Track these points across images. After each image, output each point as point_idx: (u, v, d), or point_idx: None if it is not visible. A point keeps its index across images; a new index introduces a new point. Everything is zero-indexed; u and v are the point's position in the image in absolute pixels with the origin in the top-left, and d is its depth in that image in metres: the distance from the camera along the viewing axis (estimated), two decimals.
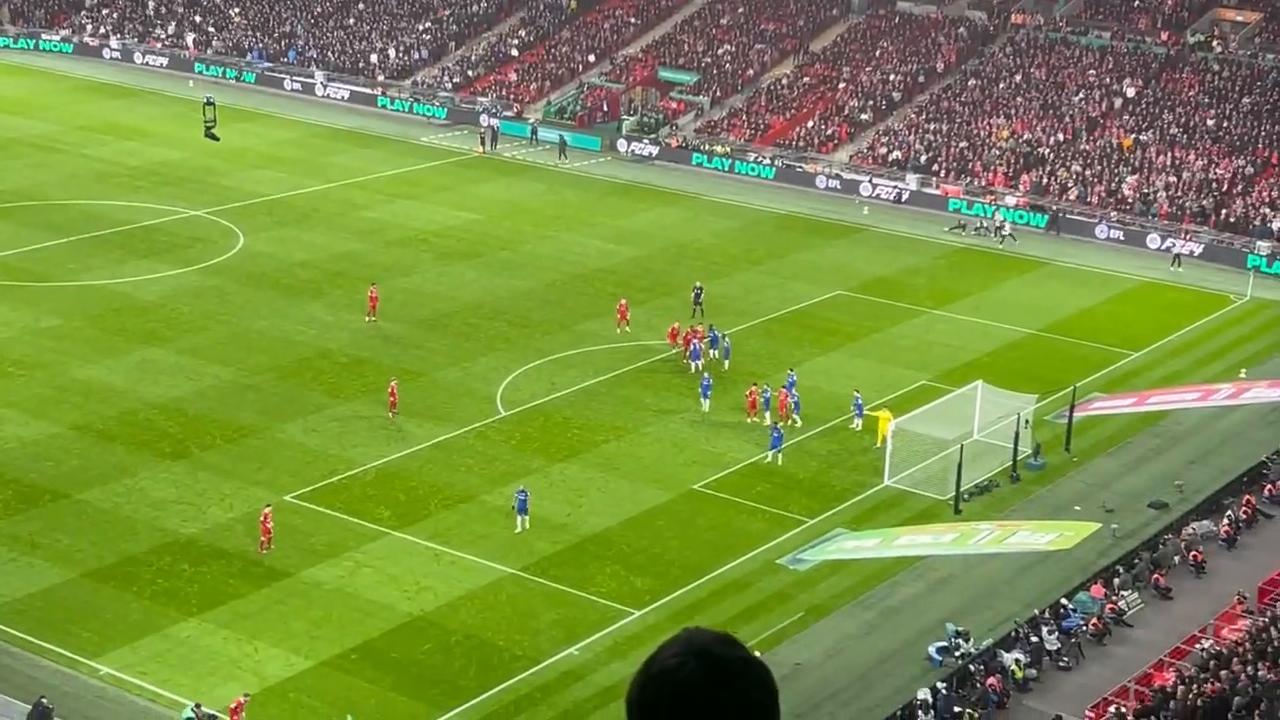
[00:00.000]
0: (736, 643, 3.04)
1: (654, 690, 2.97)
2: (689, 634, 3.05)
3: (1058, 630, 41.46)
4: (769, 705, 3.01)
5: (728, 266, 70.23)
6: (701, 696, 2.92)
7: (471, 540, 45.34)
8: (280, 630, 40.64)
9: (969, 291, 67.91)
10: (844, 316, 64.39)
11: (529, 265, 69.40)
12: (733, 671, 2.96)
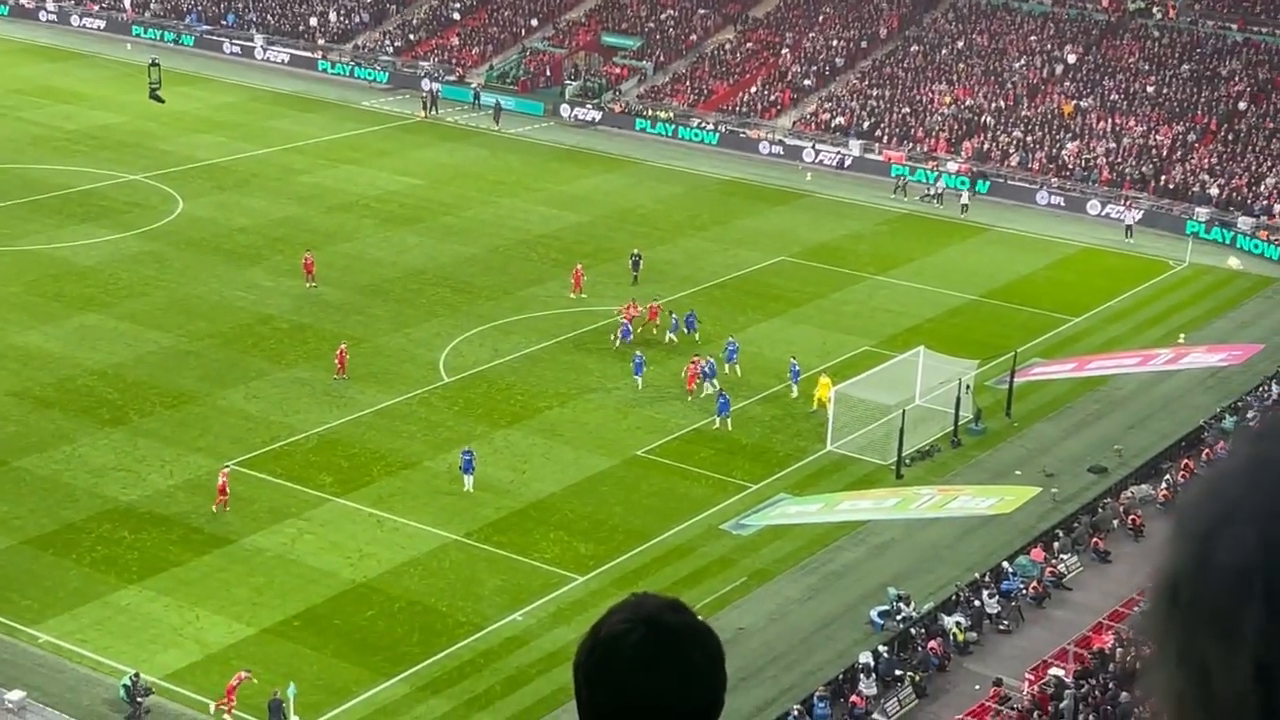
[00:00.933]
0: (685, 609, 3.03)
1: (601, 656, 2.95)
2: (637, 600, 3.03)
3: (998, 594, 41.81)
4: (716, 671, 3.00)
5: (671, 233, 70.20)
6: (649, 663, 2.91)
7: (415, 507, 45.24)
8: (222, 597, 40.46)
9: (911, 257, 68.16)
10: (787, 282, 64.50)
11: (471, 231, 69.13)
12: (680, 638, 2.95)
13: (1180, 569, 1.17)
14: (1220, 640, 1.14)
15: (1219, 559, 1.16)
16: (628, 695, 2.90)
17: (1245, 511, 1.17)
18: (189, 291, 60.41)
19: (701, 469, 48.23)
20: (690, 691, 2.94)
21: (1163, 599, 1.18)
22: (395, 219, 70.30)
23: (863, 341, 58.08)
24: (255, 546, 42.87)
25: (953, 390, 50.70)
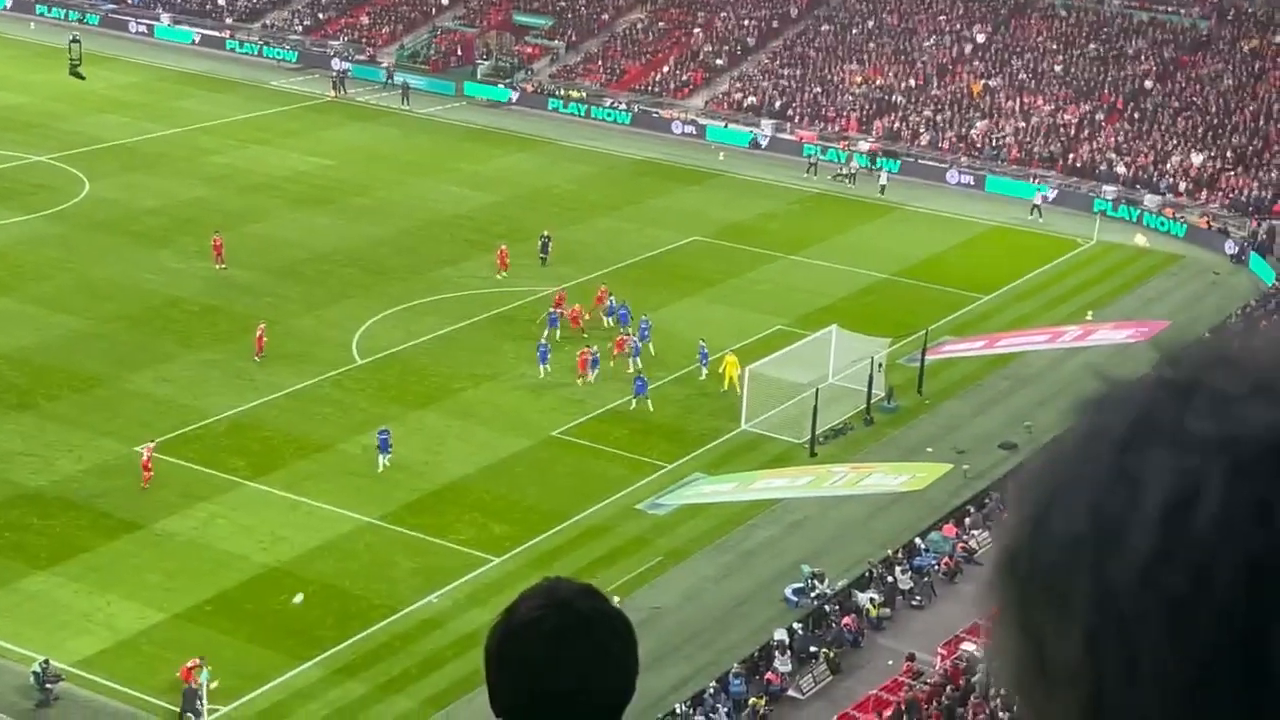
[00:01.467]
0: (598, 595, 3.03)
1: (515, 643, 2.95)
2: (550, 585, 3.03)
3: (911, 570, 42.19)
4: (628, 657, 3.01)
5: (585, 213, 70.11)
6: (560, 649, 2.91)
7: (328, 490, 44.96)
8: (133, 583, 40.05)
9: (823, 236, 68.48)
10: (701, 262, 64.62)
11: (383, 211, 68.71)
12: (592, 624, 2.95)
13: (1018, 539, 1.19)
14: (1053, 610, 1.15)
15: (1052, 529, 1.18)
16: (539, 681, 2.91)
17: (1078, 481, 1.19)
18: (96, 274, 59.63)
19: (616, 449, 48.27)
20: (602, 677, 2.95)
21: (1002, 569, 1.19)
22: (306, 200, 69.73)
23: (776, 320, 58.32)
24: (166, 531, 42.45)
25: (865, 368, 51.04)
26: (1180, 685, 1.10)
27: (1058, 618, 1.16)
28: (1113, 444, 1.19)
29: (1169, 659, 1.11)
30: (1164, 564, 1.13)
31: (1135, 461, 1.17)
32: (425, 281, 60.60)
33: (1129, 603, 1.13)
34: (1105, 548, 1.15)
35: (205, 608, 39.22)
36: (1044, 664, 1.16)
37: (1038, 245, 68.75)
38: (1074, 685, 1.14)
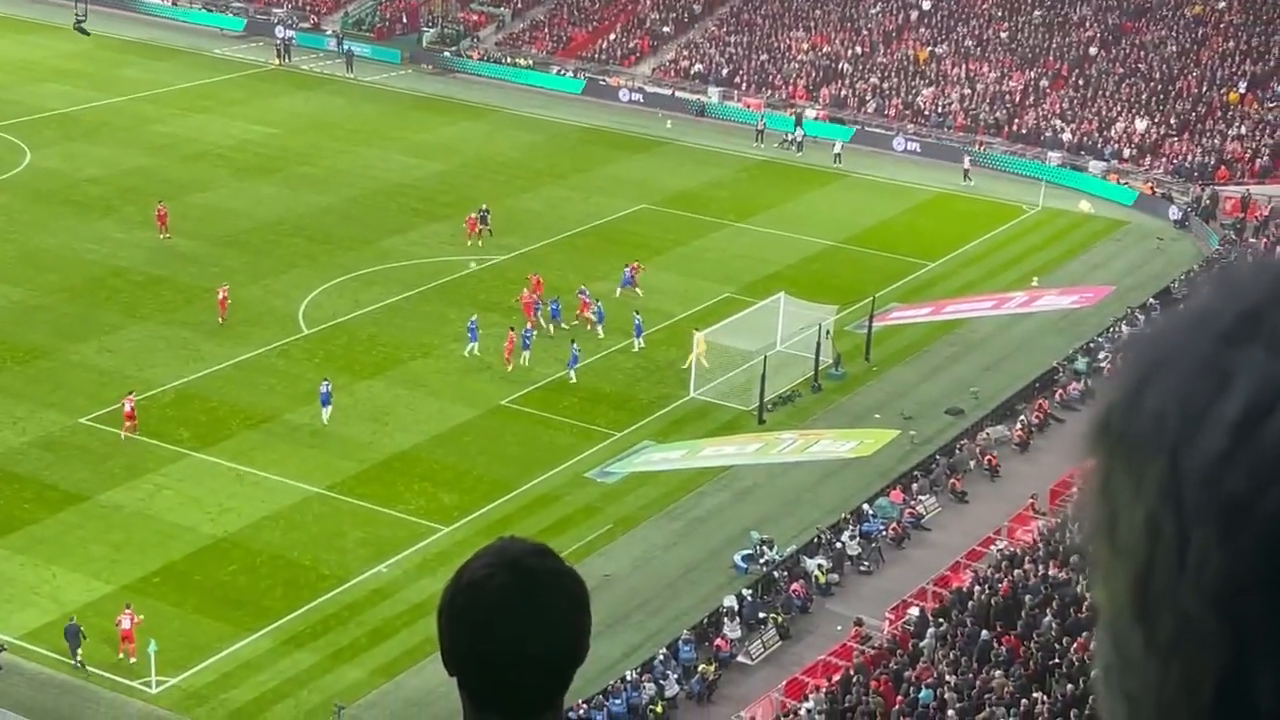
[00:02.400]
0: (550, 554, 3.04)
1: (464, 601, 2.97)
2: (502, 544, 3.05)
3: (858, 535, 42.41)
4: (580, 617, 3.02)
5: (532, 181, 69.92)
6: (511, 608, 2.92)
7: (275, 460, 44.77)
8: (79, 555, 39.82)
9: (770, 204, 68.55)
10: (648, 230, 64.58)
11: (329, 180, 68.31)
12: (544, 584, 2.96)
13: (1114, 401, 1.21)
14: (1129, 483, 1.18)
15: (1144, 401, 1.19)
16: (490, 640, 2.92)
17: (1177, 361, 1.20)
18: (38, 244, 59.05)
19: (565, 418, 48.27)
20: (553, 637, 2.96)
21: (1097, 427, 1.21)
22: (251, 169, 69.23)
23: (724, 288, 58.38)
24: (112, 503, 42.19)
25: (813, 336, 51.18)
26: (1221, 584, 1.13)
27: (1132, 492, 1.18)
28: (1217, 332, 1.21)
29: (1215, 558, 1.13)
30: (1229, 465, 1.14)
31: (1232, 356, 1.19)
32: (372, 251, 60.33)
33: (1191, 494, 1.15)
34: (1184, 434, 1.17)
35: (153, 579, 39.04)
36: (1114, 530, 1.19)
37: (983, 212, 69.04)
38: (1131, 559, 1.17)
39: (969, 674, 33.41)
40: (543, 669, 2.97)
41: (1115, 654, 1.18)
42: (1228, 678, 1.12)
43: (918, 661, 34.79)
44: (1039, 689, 31.56)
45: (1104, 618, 1.20)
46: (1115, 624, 1.19)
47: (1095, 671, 1.23)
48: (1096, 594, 1.22)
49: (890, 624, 38.64)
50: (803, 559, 41.46)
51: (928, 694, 32.81)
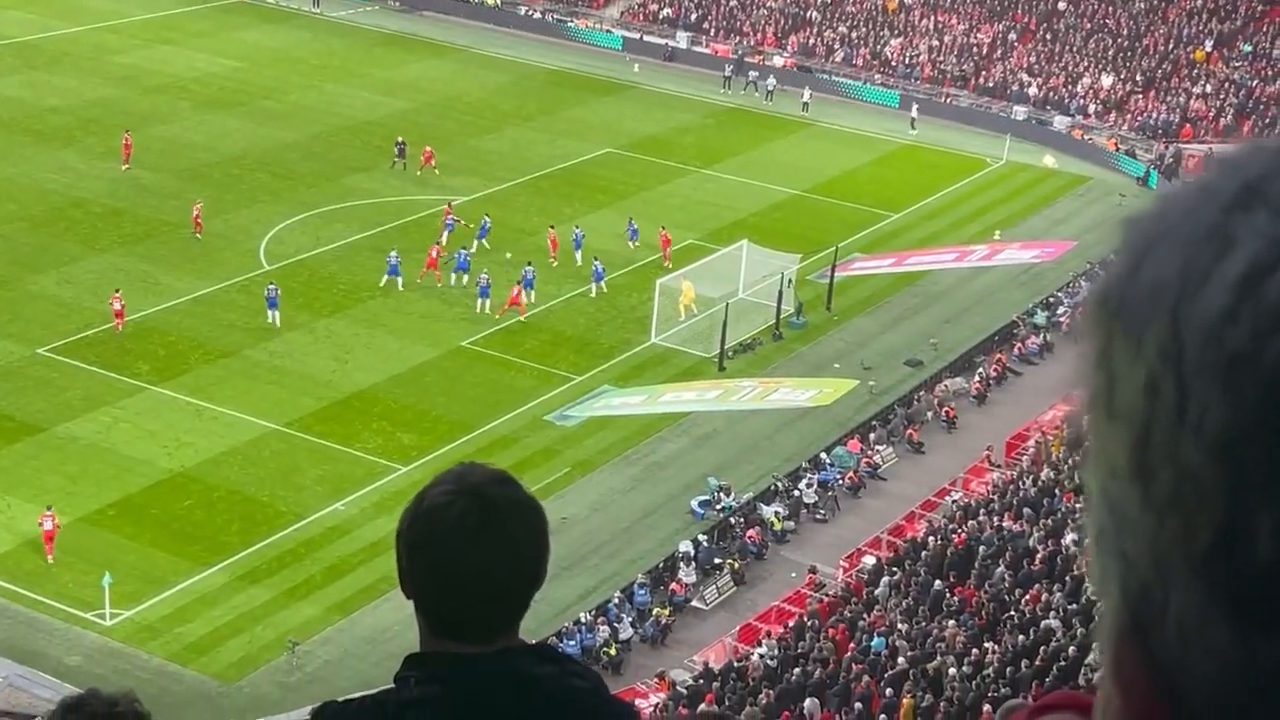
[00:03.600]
0: (511, 481, 3.08)
1: (423, 526, 3.01)
2: (463, 469, 3.09)
3: (815, 484, 42.64)
4: (539, 544, 3.06)
5: (497, 121, 69.59)
6: (470, 535, 2.96)
7: (234, 396, 44.65)
8: (34, 486, 39.66)
9: (736, 151, 68.45)
10: (613, 174, 64.44)
11: (293, 116, 67.82)
12: (503, 511, 3.00)
13: (1113, 278, 1.26)
14: (1128, 350, 1.22)
15: (1143, 273, 1.24)
16: (448, 566, 2.96)
17: (1177, 232, 1.25)
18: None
19: (526, 360, 48.27)
20: (512, 564, 3.00)
21: (1095, 304, 1.26)
22: (214, 102, 68.66)
23: (687, 234, 58.33)
24: (69, 435, 42.03)
25: (775, 284, 51.25)
26: (1221, 434, 1.16)
27: (1131, 357, 1.22)
28: (1219, 203, 1.24)
29: (1216, 409, 1.17)
30: (1231, 322, 1.18)
31: (1234, 221, 1.22)
32: (336, 188, 60.01)
33: (1193, 351, 1.19)
34: (1185, 295, 1.21)
35: (108, 512, 38.96)
36: (1112, 398, 1.23)
37: (948, 164, 69.11)
38: (1129, 421, 1.21)
39: (921, 623, 33.71)
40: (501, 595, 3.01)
41: (1110, 518, 1.22)
42: (1226, 526, 1.15)
43: (871, 610, 35.07)
44: (990, 639, 31.87)
45: (1098, 486, 1.24)
46: (1110, 489, 1.22)
47: (1087, 543, 1.27)
48: (1091, 468, 1.26)
49: (844, 572, 38.93)
50: (759, 506, 41.67)
51: (879, 642, 33.10)
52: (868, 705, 30.14)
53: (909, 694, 30.12)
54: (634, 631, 36.71)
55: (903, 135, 72.22)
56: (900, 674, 31.16)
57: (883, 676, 31.37)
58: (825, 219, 61.18)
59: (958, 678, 30.26)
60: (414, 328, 49.63)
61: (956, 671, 30.59)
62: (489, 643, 2.97)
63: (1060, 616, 31.75)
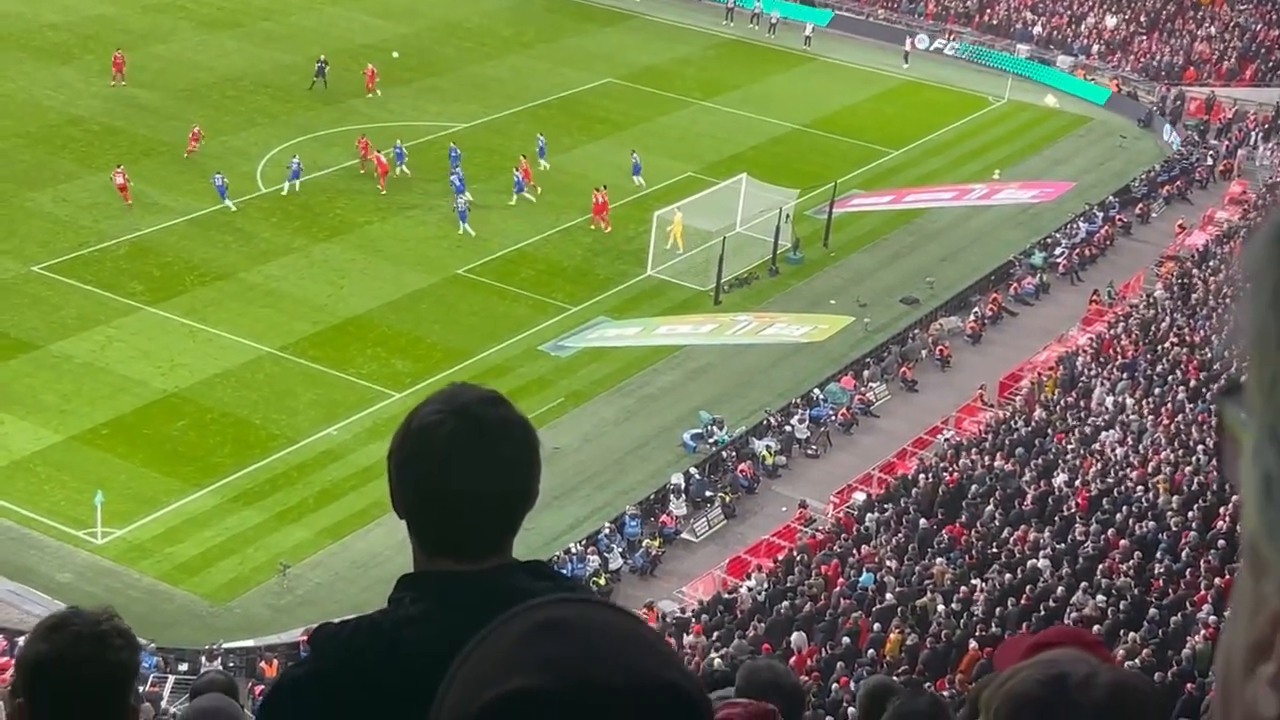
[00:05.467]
0: (501, 401, 3.09)
1: (414, 446, 3.03)
2: (453, 390, 3.10)
3: (808, 419, 42.70)
4: (529, 464, 3.08)
5: (497, 48, 69.16)
6: (459, 454, 2.98)
7: (229, 318, 44.61)
8: (28, 403, 39.69)
9: (737, 84, 68.09)
10: (613, 104, 64.12)
11: (293, 38, 67.37)
12: (493, 431, 3.02)
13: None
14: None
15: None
16: (439, 486, 2.98)
17: None
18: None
19: (522, 289, 48.20)
20: (502, 483, 3.01)
21: (1269, 240, 1.23)
22: (213, 22, 68.19)
23: (686, 167, 58.14)
24: (63, 353, 42.01)
25: (773, 219, 51.12)
26: None
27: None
28: None
29: None
30: None
31: None
32: (333, 112, 59.70)
33: None
34: None
35: (101, 431, 39.00)
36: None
37: (949, 102, 68.79)
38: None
39: (911, 560, 33.85)
40: (491, 514, 3.03)
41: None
42: None
43: (861, 546, 35.21)
44: (978, 577, 32.02)
45: (1268, 428, 1.21)
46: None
47: (1249, 489, 1.23)
48: (1258, 410, 1.22)
49: (834, 508, 39.06)
50: (751, 440, 41.75)
51: (868, 577, 33.25)
52: (855, 640, 30.30)
53: (896, 629, 30.29)
54: (624, 562, 36.89)
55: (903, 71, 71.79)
56: (888, 609, 31.32)
57: (870, 611, 31.54)
58: (825, 154, 60.96)
59: (944, 615, 30.41)
60: (410, 254, 49.52)
61: (944, 609, 30.74)
62: (481, 561, 2.99)
63: (1049, 556, 31.88)
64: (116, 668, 3.76)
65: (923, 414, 44.18)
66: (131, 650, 3.85)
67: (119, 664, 3.76)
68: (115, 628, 3.83)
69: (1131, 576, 29.97)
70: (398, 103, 60.94)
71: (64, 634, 3.58)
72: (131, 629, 3.85)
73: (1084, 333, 48.61)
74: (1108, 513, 33.30)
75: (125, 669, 3.81)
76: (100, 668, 3.64)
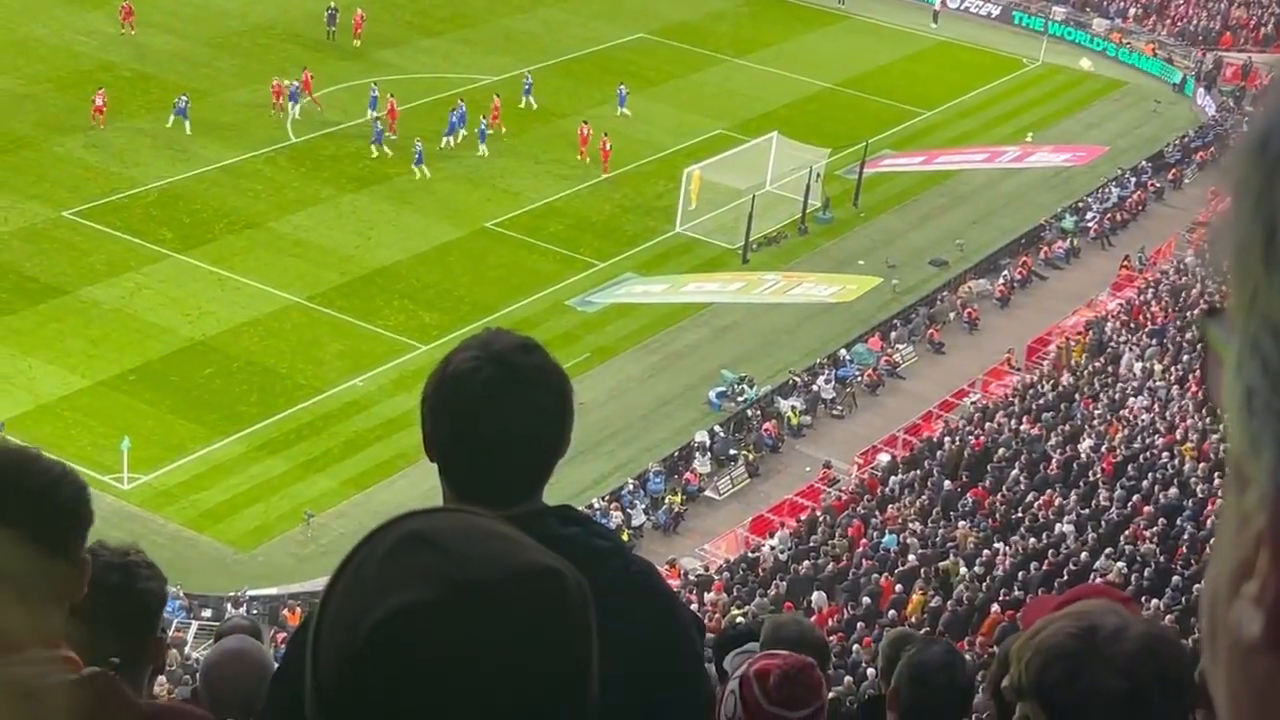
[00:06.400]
0: (536, 348, 3.10)
1: (448, 391, 3.03)
2: (488, 335, 3.10)
3: (834, 380, 42.64)
4: (562, 412, 3.08)
5: (530, 1, 68.85)
6: (494, 401, 2.97)
7: (257, 267, 44.68)
8: (56, 348, 39.85)
9: (770, 41, 67.70)
10: (645, 60, 63.85)
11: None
12: (527, 378, 3.02)
13: (1273, 120, 1.19)
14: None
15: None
16: (472, 431, 2.97)
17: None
18: (27, 32, 58.14)
19: (550, 244, 48.15)
20: (535, 430, 3.01)
21: (1251, 147, 1.20)
22: None
23: (717, 124, 57.93)
24: (92, 299, 42.14)
25: (803, 178, 50.93)
26: None
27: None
28: None
29: None
30: None
31: None
32: (364, 62, 59.57)
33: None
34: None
35: (129, 377, 39.14)
36: (1270, 245, 1.18)
37: (983, 62, 68.33)
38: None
39: (934, 523, 33.83)
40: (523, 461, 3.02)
41: (1264, 377, 1.17)
42: None
43: (886, 507, 35.20)
44: (1001, 541, 31.99)
45: (1249, 342, 1.19)
46: (1264, 345, 1.17)
47: (1233, 404, 1.20)
48: (1237, 323, 1.20)
49: (859, 469, 39.04)
50: (777, 399, 41.71)
51: (891, 539, 33.25)
52: (876, 601, 30.33)
53: (919, 591, 30.30)
54: (646, 518, 36.94)
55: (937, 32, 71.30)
56: (910, 571, 31.33)
57: (892, 573, 31.55)
58: (857, 114, 60.64)
59: (967, 578, 30.41)
60: (439, 207, 49.49)
61: (966, 571, 30.74)
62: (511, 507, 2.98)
63: (1073, 521, 31.82)
64: (146, 595, 3.81)
65: (949, 376, 44.07)
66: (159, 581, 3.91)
67: (148, 592, 3.82)
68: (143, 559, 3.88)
69: (1155, 543, 29.91)
70: (428, 54, 60.76)
71: (93, 564, 3.59)
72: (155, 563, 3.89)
73: (1114, 298, 48.40)
74: (1133, 479, 33.23)
75: (154, 597, 3.86)
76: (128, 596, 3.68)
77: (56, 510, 2.83)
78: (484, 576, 1.64)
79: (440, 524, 1.72)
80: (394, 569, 1.65)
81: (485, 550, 1.68)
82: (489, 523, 1.75)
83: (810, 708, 4.44)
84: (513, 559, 1.67)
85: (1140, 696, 2.44)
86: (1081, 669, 2.47)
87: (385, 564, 1.67)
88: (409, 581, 1.63)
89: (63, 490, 2.85)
